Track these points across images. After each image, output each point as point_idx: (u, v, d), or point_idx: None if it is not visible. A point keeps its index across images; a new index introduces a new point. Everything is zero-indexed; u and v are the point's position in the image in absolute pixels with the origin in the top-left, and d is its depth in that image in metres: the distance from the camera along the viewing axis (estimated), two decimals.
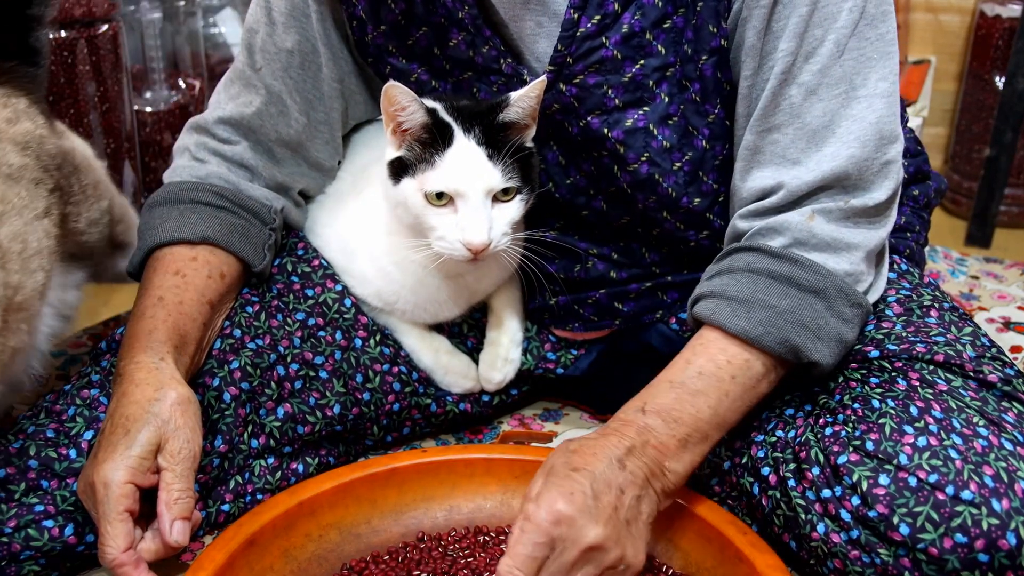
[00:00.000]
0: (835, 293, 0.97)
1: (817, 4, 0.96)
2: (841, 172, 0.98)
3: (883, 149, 0.99)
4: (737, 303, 0.97)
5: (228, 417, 1.07)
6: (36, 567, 0.99)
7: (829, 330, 0.97)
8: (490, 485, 1.09)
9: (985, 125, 2.13)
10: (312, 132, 1.19)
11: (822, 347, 0.97)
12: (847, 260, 0.99)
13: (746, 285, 0.97)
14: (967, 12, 2.28)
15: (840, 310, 0.98)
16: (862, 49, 0.98)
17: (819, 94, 0.97)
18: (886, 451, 0.90)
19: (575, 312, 1.23)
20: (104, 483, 0.90)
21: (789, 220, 0.98)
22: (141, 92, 1.91)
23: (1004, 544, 0.84)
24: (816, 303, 0.97)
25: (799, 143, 0.99)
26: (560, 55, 1.04)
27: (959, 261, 1.93)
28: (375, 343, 1.19)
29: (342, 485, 1.04)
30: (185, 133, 1.19)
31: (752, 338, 0.95)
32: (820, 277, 0.97)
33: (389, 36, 1.13)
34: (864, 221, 1.00)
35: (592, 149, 1.09)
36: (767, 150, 1.00)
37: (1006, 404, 0.95)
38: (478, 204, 1.02)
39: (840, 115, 0.98)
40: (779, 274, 0.97)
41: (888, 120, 0.99)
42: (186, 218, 1.09)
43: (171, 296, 1.04)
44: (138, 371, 0.97)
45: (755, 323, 0.95)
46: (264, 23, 1.15)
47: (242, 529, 0.97)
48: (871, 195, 0.99)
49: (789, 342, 0.95)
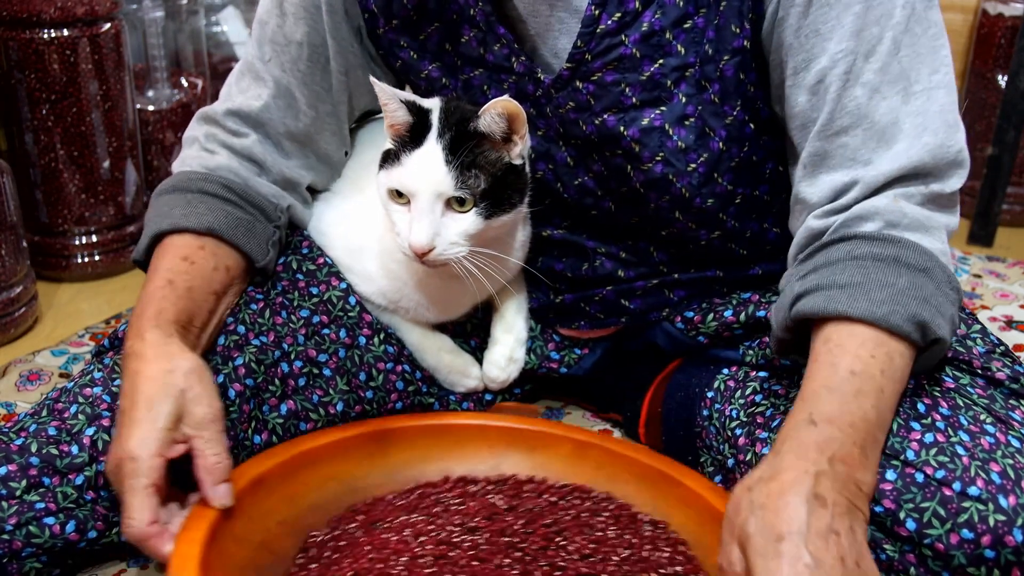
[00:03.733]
0: (940, 272, 0.92)
1: (871, 2, 0.94)
2: (919, 163, 0.94)
3: (952, 136, 0.96)
4: (852, 288, 0.90)
5: (232, 413, 1.06)
6: (37, 564, 0.98)
7: (945, 308, 0.91)
8: (482, 450, 1.14)
9: (987, 124, 2.12)
10: (320, 125, 1.19)
11: (944, 324, 0.90)
12: (939, 239, 0.95)
13: (855, 271, 0.91)
14: (969, 10, 2.28)
15: (945, 290, 0.92)
16: (913, 45, 0.96)
17: (882, 92, 0.95)
18: (893, 447, 0.89)
19: (581, 310, 1.22)
20: (132, 457, 0.90)
21: (877, 204, 0.94)
22: (143, 91, 1.91)
23: (1010, 540, 0.84)
24: (927, 282, 0.91)
25: (869, 143, 0.96)
26: (579, 51, 1.04)
27: (962, 260, 1.93)
28: (379, 341, 1.18)
29: (342, 440, 1.10)
30: (195, 123, 1.19)
31: (878, 318, 0.87)
32: (925, 256, 0.92)
33: (400, 31, 1.13)
34: (939, 208, 0.97)
35: (605, 148, 1.08)
36: (836, 154, 0.97)
37: (1014, 402, 0.94)
38: (426, 207, 1.01)
39: (904, 112, 0.95)
40: (885, 256, 0.91)
41: (951, 109, 0.96)
42: (193, 207, 1.09)
43: (181, 280, 1.04)
44: (147, 348, 0.97)
45: (878, 302, 0.88)
46: (275, 15, 1.15)
47: (248, 471, 1.01)
48: (947, 183, 0.96)
49: (916, 317, 0.88)
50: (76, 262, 1.79)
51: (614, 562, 0.98)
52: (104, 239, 1.80)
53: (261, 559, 0.97)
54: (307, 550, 1.01)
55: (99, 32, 1.67)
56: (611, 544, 1.00)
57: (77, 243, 1.78)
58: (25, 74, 1.64)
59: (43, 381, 1.42)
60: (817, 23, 0.96)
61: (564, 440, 1.14)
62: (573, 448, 1.12)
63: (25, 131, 1.69)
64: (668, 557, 0.99)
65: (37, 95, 1.66)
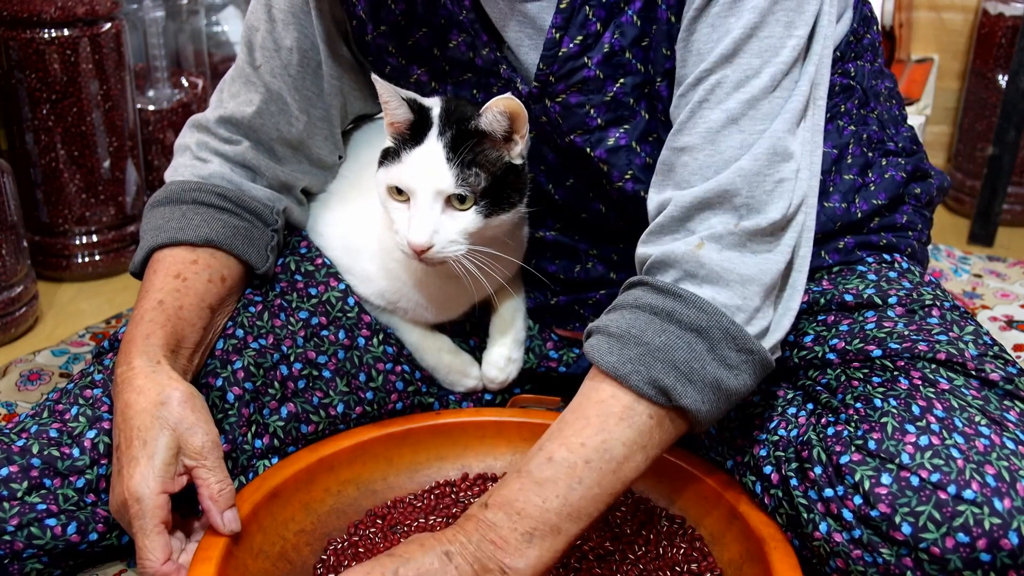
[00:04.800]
0: (720, 334, 0.87)
1: (758, 33, 0.90)
2: (728, 184, 0.89)
3: (776, 166, 0.90)
4: (614, 339, 0.89)
5: (232, 417, 1.07)
6: (39, 565, 0.99)
7: (705, 374, 0.87)
8: (500, 446, 1.16)
9: (988, 123, 2.12)
10: (312, 129, 1.19)
11: (692, 391, 0.87)
12: (739, 295, 0.89)
13: (624, 320, 0.90)
14: (970, 10, 2.28)
15: (724, 353, 0.88)
16: (790, 88, 0.92)
17: (740, 125, 0.91)
18: (888, 450, 0.90)
19: (576, 312, 1.23)
20: (136, 498, 0.90)
21: (676, 251, 0.90)
22: (144, 90, 1.91)
23: (1006, 543, 0.84)
24: (696, 343, 0.87)
25: (708, 171, 0.91)
26: (543, 73, 1.04)
27: (962, 259, 1.93)
28: (378, 342, 1.19)
29: (359, 443, 1.11)
30: (186, 131, 1.19)
31: (620, 376, 0.87)
32: (704, 315, 0.87)
33: (389, 36, 1.13)
34: (757, 246, 0.90)
35: (579, 164, 1.09)
36: (678, 171, 0.94)
37: (1008, 403, 0.94)
38: (425, 205, 1.01)
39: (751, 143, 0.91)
40: (660, 310, 0.89)
41: (784, 138, 0.91)
42: (188, 219, 1.09)
43: (171, 300, 1.04)
44: (136, 377, 0.97)
45: (624, 360, 0.87)
46: (264, 20, 1.14)
47: (265, 482, 1.02)
48: (763, 215, 0.90)
49: (658, 382, 0.86)
50: (76, 262, 1.79)
51: (630, 560, 0.99)
52: (104, 239, 1.80)
53: (280, 570, 0.98)
54: (326, 558, 1.01)
55: (100, 32, 1.67)
56: (627, 540, 1.01)
57: (77, 243, 1.78)
58: (26, 74, 1.65)
59: (43, 381, 1.43)
60: (699, 40, 0.93)
61: None
62: None
63: (26, 131, 1.69)
64: (684, 553, 1.00)
65: (38, 95, 1.66)
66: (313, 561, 1.01)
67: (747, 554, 0.97)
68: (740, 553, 0.98)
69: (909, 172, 1.18)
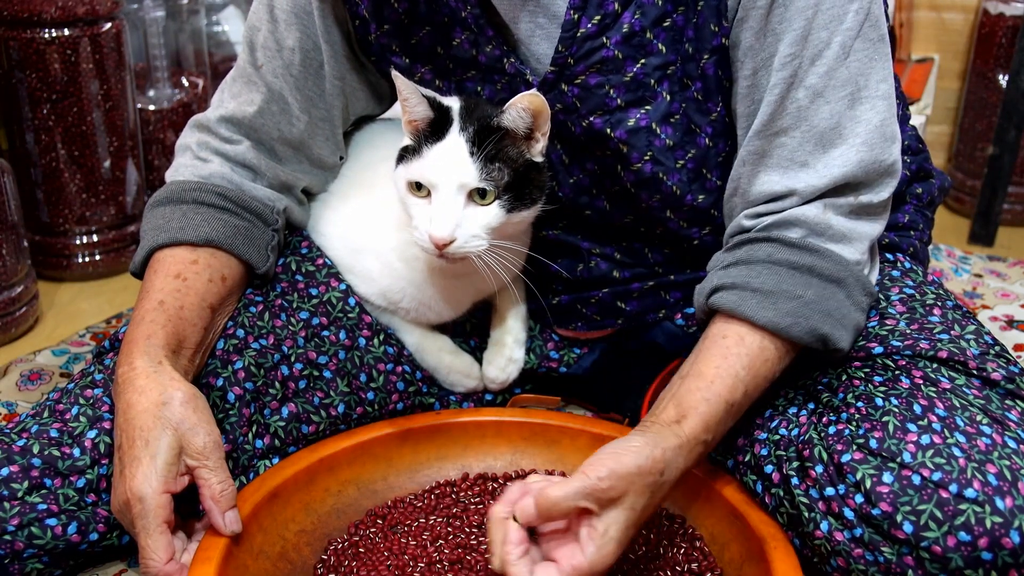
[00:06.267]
0: (854, 282, 0.99)
1: (821, 5, 0.96)
2: (851, 176, 0.99)
3: (887, 150, 1.00)
4: (763, 295, 0.97)
5: (232, 417, 1.07)
6: (39, 565, 0.99)
7: (851, 318, 0.99)
8: (500, 446, 1.16)
9: (988, 123, 2.12)
10: (313, 130, 1.19)
11: (845, 335, 0.99)
12: (858, 249, 1.01)
13: (769, 276, 0.98)
14: (970, 10, 2.28)
15: (857, 298, 1.00)
16: (866, 51, 0.98)
17: (826, 96, 0.98)
18: (889, 449, 0.90)
19: (578, 311, 1.23)
20: (139, 498, 0.90)
21: (805, 213, 1.00)
22: (144, 90, 1.91)
23: (1007, 542, 0.84)
24: (838, 292, 0.98)
25: (807, 146, 0.99)
26: (561, 56, 1.04)
27: (962, 259, 1.93)
28: (379, 342, 1.19)
29: (360, 444, 1.11)
30: (187, 131, 1.19)
31: (780, 329, 0.96)
32: (840, 267, 0.99)
33: (392, 35, 1.13)
34: (867, 215, 1.02)
35: (595, 148, 1.09)
36: (774, 153, 1.01)
37: (1009, 402, 0.94)
38: (448, 198, 1.01)
39: (846, 117, 0.98)
40: (801, 264, 0.98)
41: (890, 121, 1.00)
42: (189, 219, 1.09)
43: (172, 301, 1.04)
44: (138, 377, 0.97)
45: (783, 314, 0.96)
46: (266, 20, 1.14)
47: (266, 483, 1.02)
48: (876, 194, 1.01)
49: (817, 331, 0.97)
50: (77, 262, 1.79)
51: (630, 560, 0.98)
52: (105, 239, 1.80)
53: (280, 570, 0.98)
54: (326, 558, 1.01)
55: (100, 32, 1.67)
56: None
57: (78, 243, 1.78)
58: (26, 74, 1.65)
59: (44, 381, 1.43)
60: (774, 25, 0.98)
61: (581, 434, 1.14)
62: (591, 441, 1.12)
63: (26, 131, 1.69)
64: (684, 553, 1.00)
65: (38, 95, 1.66)
66: (313, 561, 1.01)
67: (747, 554, 0.97)
68: (740, 553, 0.98)
69: (913, 172, 1.19)
